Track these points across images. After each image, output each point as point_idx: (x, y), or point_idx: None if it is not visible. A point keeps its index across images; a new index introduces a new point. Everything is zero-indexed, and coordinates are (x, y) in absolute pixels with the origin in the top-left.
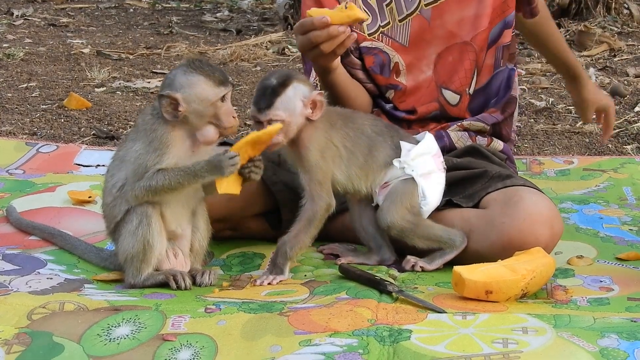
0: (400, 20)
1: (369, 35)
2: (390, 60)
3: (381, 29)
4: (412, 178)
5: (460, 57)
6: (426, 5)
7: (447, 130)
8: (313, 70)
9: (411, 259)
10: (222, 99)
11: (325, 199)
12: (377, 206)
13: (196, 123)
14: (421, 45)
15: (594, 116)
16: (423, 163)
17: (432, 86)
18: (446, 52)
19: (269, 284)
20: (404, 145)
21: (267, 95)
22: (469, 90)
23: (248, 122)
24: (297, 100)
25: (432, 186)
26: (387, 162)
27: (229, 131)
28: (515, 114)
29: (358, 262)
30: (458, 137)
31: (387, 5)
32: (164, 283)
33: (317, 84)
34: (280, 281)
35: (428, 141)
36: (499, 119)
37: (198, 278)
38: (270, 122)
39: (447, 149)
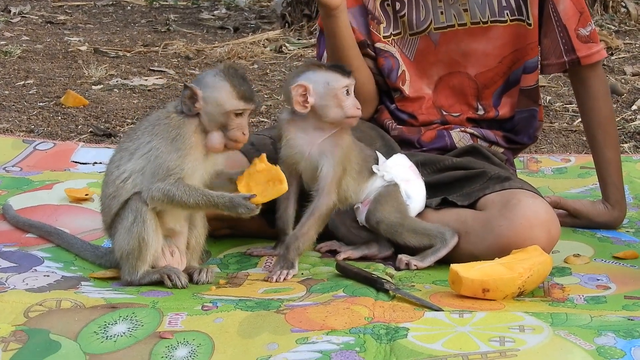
0: (410, 35)
1: (383, 37)
2: (399, 67)
3: (393, 37)
4: (393, 184)
5: (462, 89)
6: (435, 29)
7: (450, 131)
8: (324, 54)
9: (403, 258)
10: (239, 113)
11: (335, 197)
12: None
13: (206, 124)
14: (424, 64)
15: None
16: (400, 171)
17: (431, 105)
18: (448, 78)
19: (284, 279)
20: (380, 155)
21: None
22: (473, 113)
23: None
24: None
25: (414, 189)
26: (371, 171)
27: (234, 145)
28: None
29: (359, 255)
30: (460, 137)
31: (400, 17)
32: (160, 281)
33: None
34: (293, 275)
35: (400, 157)
36: (504, 147)
37: (195, 276)
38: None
39: (448, 149)
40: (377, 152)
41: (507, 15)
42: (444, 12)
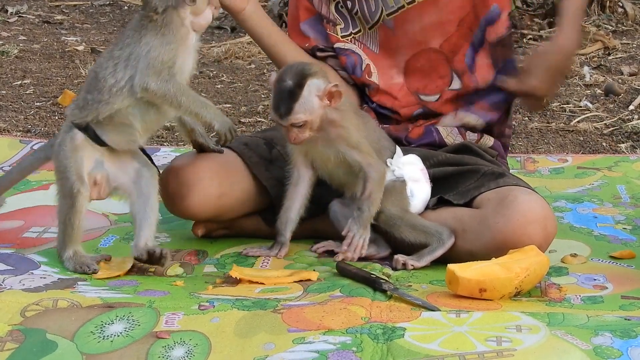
0: (369, 28)
1: (342, 37)
2: (362, 62)
3: (353, 35)
4: (401, 181)
5: (431, 64)
6: (388, 15)
7: (437, 126)
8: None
9: (400, 258)
10: None
11: (381, 162)
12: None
13: (201, 7)
14: (389, 53)
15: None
16: (411, 171)
17: (406, 91)
18: (414, 60)
19: (362, 246)
20: (399, 150)
21: (285, 101)
22: (448, 88)
23: (242, 120)
24: (314, 97)
25: (419, 190)
26: (385, 164)
27: (216, 11)
28: (511, 110)
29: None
30: (447, 132)
31: (355, 14)
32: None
33: None
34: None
35: (414, 158)
36: (495, 118)
37: (156, 255)
38: (292, 125)
39: (437, 145)
40: (397, 147)
41: None
42: None
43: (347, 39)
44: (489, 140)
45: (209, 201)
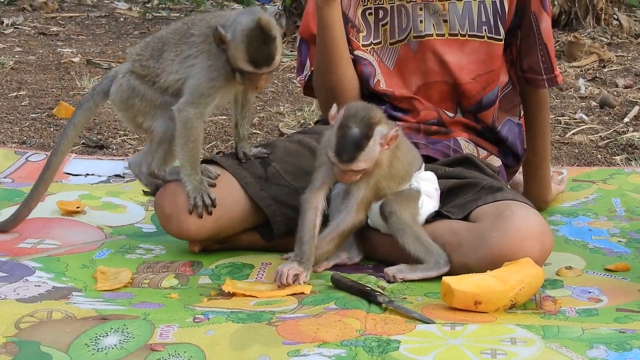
0: (391, 44)
1: (362, 45)
2: (375, 75)
3: (373, 46)
4: (416, 190)
5: (441, 97)
6: (414, 37)
7: (457, 138)
8: (307, 63)
9: (389, 271)
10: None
11: (363, 216)
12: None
13: (232, 63)
14: (404, 73)
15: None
16: (427, 186)
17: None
18: (426, 87)
19: (293, 281)
20: (423, 165)
21: (349, 149)
22: (456, 115)
23: None
24: (377, 145)
25: (427, 205)
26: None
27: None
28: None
29: (331, 265)
30: (465, 144)
31: (382, 25)
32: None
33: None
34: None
35: (431, 175)
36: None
37: None
38: (350, 171)
39: (451, 151)
40: (423, 163)
41: (485, 31)
42: (423, 21)
43: (367, 49)
44: (496, 160)
45: (207, 224)
